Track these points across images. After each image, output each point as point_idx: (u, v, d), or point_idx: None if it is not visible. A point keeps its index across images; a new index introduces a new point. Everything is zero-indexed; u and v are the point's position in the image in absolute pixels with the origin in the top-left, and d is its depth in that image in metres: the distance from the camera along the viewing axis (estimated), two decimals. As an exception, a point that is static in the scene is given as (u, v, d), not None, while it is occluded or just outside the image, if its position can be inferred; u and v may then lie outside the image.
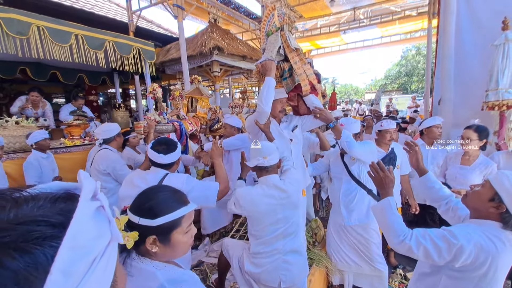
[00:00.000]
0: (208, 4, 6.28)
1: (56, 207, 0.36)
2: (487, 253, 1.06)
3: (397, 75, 24.60)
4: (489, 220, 1.14)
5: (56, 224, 0.34)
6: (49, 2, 5.31)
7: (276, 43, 1.95)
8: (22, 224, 0.32)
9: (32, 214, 0.34)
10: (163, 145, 1.68)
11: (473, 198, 1.21)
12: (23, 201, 0.35)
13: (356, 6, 9.10)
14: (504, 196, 1.08)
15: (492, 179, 1.14)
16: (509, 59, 2.41)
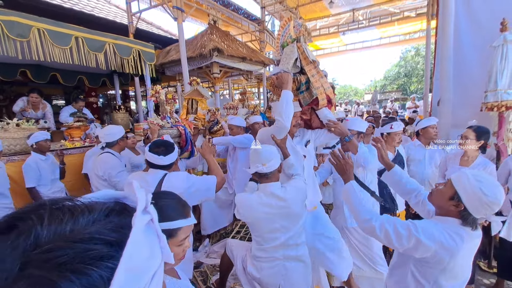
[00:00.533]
0: (208, 6, 6.30)
1: (111, 222, 0.34)
2: (447, 250, 1.13)
3: (396, 76, 24.65)
4: (450, 217, 1.20)
5: (112, 242, 0.32)
6: (49, 5, 5.32)
7: (292, 55, 1.87)
8: (79, 242, 0.30)
9: (88, 230, 0.32)
10: (161, 147, 1.73)
11: (436, 196, 1.27)
12: (79, 213, 0.33)
13: (355, 8, 9.14)
14: (462, 195, 1.13)
15: (453, 178, 1.19)
16: (507, 60, 2.42)
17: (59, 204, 0.34)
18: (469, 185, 1.11)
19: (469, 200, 1.12)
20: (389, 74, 25.91)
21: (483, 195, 1.08)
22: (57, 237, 0.30)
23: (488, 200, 1.08)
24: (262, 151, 1.59)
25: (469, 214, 1.14)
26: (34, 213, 0.32)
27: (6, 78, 4.56)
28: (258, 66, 6.87)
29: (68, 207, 0.34)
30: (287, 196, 1.58)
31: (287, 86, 1.78)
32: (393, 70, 25.48)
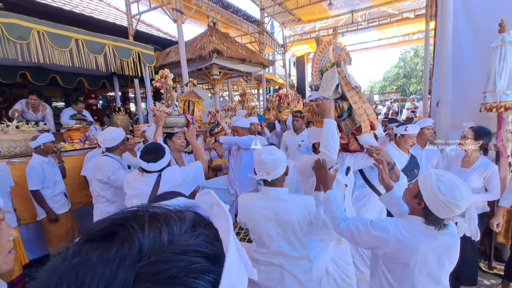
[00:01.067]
0: (207, 8, 6.32)
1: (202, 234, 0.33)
2: (404, 245, 1.17)
3: (396, 77, 24.70)
4: (415, 215, 1.24)
5: (210, 255, 0.31)
6: (49, 7, 5.34)
7: (333, 81, 1.76)
8: (183, 255, 0.29)
9: (189, 242, 0.31)
10: (151, 154, 1.77)
11: (405, 194, 1.33)
12: (173, 222, 0.32)
13: (354, 9, 9.17)
14: (423, 193, 1.17)
15: (420, 177, 1.23)
16: (506, 61, 2.43)
17: (154, 211, 0.33)
18: (429, 184, 1.14)
19: (428, 198, 1.15)
20: (388, 75, 25.96)
21: (440, 194, 1.10)
22: (157, 248, 0.29)
23: (445, 199, 1.09)
24: (266, 161, 1.52)
25: (431, 213, 1.15)
26: (134, 220, 0.31)
27: (6, 80, 4.57)
28: (257, 68, 6.89)
29: (163, 216, 0.32)
30: (289, 201, 1.55)
31: (329, 115, 1.68)
32: (392, 71, 25.53)
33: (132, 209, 0.34)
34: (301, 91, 11.70)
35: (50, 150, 2.78)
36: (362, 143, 1.91)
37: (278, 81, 11.41)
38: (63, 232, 2.85)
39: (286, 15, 9.94)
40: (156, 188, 1.73)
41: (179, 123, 2.55)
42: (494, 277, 2.60)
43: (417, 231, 1.18)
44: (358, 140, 1.92)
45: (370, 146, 1.85)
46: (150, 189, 1.74)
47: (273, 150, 1.58)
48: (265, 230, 1.56)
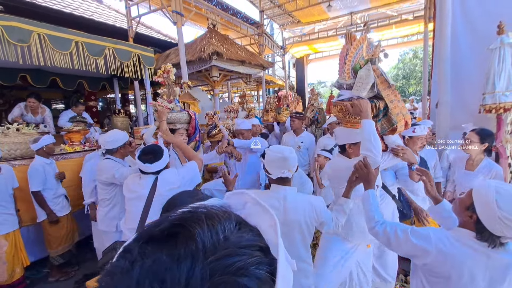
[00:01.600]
0: (207, 10, 6.34)
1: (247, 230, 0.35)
2: (446, 257, 1.09)
3: (395, 78, 24.74)
4: (466, 228, 1.12)
5: (264, 249, 0.34)
6: (49, 10, 5.35)
7: (368, 79, 1.67)
8: (244, 248, 0.31)
9: (245, 237, 0.33)
10: (149, 155, 1.79)
11: (456, 205, 1.22)
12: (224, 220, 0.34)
13: (353, 11, 9.20)
14: (477, 206, 1.05)
15: (474, 188, 1.11)
16: (505, 63, 2.45)
17: (207, 211, 0.35)
18: (486, 196, 1.02)
19: (483, 212, 1.03)
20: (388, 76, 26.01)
21: (497, 208, 0.97)
22: (217, 245, 0.30)
23: (502, 215, 0.96)
24: (290, 158, 1.56)
25: (485, 229, 1.03)
26: (193, 220, 0.32)
27: (6, 83, 4.57)
28: (257, 69, 6.90)
29: (215, 215, 0.34)
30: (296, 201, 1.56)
31: (367, 115, 1.59)
32: (391, 72, 25.59)
33: (186, 209, 0.35)
34: (301, 92, 11.72)
35: (52, 152, 2.80)
36: (388, 143, 1.88)
37: (278, 83, 11.43)
38: (63, 234, 2.85)
39: (286, 17, 9.97)
40: (152, 191, 1.74)
41: (182, 119, 2.49)
42: None
43: (463, 244, 1.07)
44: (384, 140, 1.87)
45: (397, 146, 1.83)
46: (146, 192, 1.74)
47: (291, 149, 1.63)
48: None
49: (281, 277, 0.31)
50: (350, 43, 1.80)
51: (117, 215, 2.42)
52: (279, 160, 1.56)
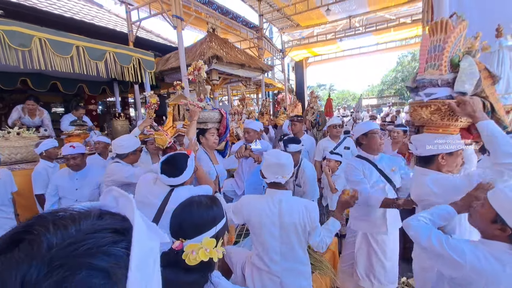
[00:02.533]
0: (207, 14, 6.38)
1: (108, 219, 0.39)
2: (480, 274, 1.00)
3: (394, 81, 24.88)
4: (497, 241, 1.03)
5: (121, 230, 0.38)
6: (50, 14, 5.38)
7: (473, 74, 1.43)
8: (95, 233, 0.35)
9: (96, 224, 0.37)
10: (169, 166, 1.63)
11: (476, 220, 1.12)
12: (78, 218, 0.37)
13: (351, 15, 9.27)
14: (506, 217, 0.97)
15: (490, 198, 1.04)
16: (504, 65, 2.46)
17: (56, 213, 0.37)
18: (510, 204, 0.96)
19: None
20: (387, 79, 26.16)
21: None
22: (66, 238, 0.33)
23: None
24: (286, 164, 1.55)
25: None
26: (38, 224, 0.34)
27: (6, 87, 4.59)
28: (256, 73, 6.93)
29: (67, 215, 0.37)
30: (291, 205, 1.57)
31: (482, 115, 1.33)
32: (390, 75, 25.74)
33: (34, 217, 0.37)
34: (300, 95, 11.76)
35: (54, 156, 2.80)
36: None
37: (277, 86, 11.48)
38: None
39: (285, 21, 10.04)
40: (163, 205, 1.60)
41: (213, 118, 2.39)
42: None
43: (496, 259, 0.99)
44: None
45: None
46: (157, 202, 1.61)
47: (288, 155, 1.62)
48: (269, 232, 1.57)
49: (137, 244, 0.35)
50: (444, 32, 1.54)
51: None
52: (276, 165, 1.56)
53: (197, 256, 0.81)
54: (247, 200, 1.67)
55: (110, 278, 0.33)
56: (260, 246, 1.61)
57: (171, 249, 0.86)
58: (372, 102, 22.64)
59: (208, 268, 0.89)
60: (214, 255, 0.84)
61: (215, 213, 0.96)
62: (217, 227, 0.93)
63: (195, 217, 0.92)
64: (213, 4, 7.87)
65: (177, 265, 0.84)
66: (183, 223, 0.92)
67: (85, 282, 0.31)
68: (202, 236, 0.88)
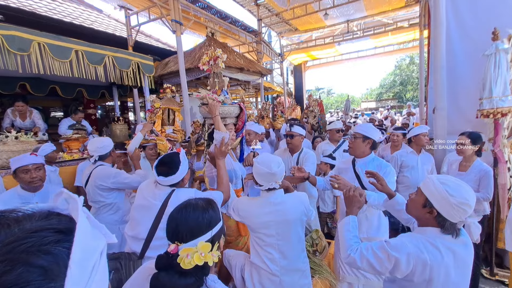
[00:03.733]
0: (206, 19, 6.43)
1: (54, 219, 0.41)
2: (424, 262, 1.08)
3: (392, 84, 25.03)
4: (429, 226, 1.16)
5: (63, 229, 0.39)
6: (50, 19, 5.40)
7: None
8: (36, 232, 0.37)
9: (41, 223, 0.39)
10: (164, 166, 1.63)
11: (410, 206, 1.25)
12: (22, 219, 0.39)
13: (349, 19, 9.36)
14: (433, 200, 1.12)
15: (422, 185, 1.18)
16: (501, 68, 2.48)
17: (2, 214, 0.39)
18: (435, 189, 1.11)
19: (439, 203, 1.10)
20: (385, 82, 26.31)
21: (449, 196, 1.07)
22: (9, 236, 0.36)
23: (456, 201, 1.06)
24: (277, 172, 1.58)
25: (445, 219, 1.11)
26: None
27: (5, 91, 4.58)
28: (255, 76, 6.96)
29: (12, 216, 0.39)
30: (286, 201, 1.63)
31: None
32: (388, 78, 25.89)
33: None
34: (299, 98, 11.80)
35: (53, 160, 2.78)
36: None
37: (276, 89, 11.52)
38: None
39: (283, 25, 10.11)
40: (163, 207, 1.59)
41: (233, 113, 2.22)
42: (496, 283, 2.58)
43: (432, 246, 1.10)
44: None
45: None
46: (158, 204, 1.60)
47: (279, 160, 1.63)
48: (265, 233, 1.62)
49: (78, 243, 0.37)
50: None
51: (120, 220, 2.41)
52: (266, 174, 1.58)
53: (192, 260, 0.80)
54: (243, 202, 1.72)
55: (47, 275, 0.35)
56: (259, 246, 1.64)
57: (166, 252, 0.85)
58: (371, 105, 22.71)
59: (203, 272, 0.88)
60: (209, 259, 0.83)
61: (211, 216, 0.95)
62: (213, 231, 0.92)
63: (191, 221, 0.92)
64: (212, 8, 7.93)
65: (172, 269, 0.83)
66: (179, 227, 0.91)
67: (23, 277, 0.33)
68: (198, 240, 0.87)
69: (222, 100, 2.14)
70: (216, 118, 2.03)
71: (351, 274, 2.18)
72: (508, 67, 2.52)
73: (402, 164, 3.10)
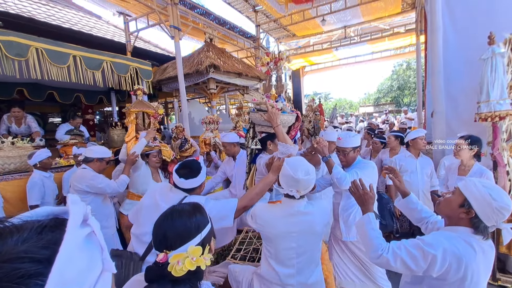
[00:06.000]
0: (204, 25, 6.47)
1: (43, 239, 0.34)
2: (459, 259, 1.09)
3: (389, 89, 25.17)
4: (461, 226, 1.19)
5: (41, 259, 0.32)
6: (48, 25, 5.41)
7: None
8: (6, 262, 0.30)
9: (16, 250, 0.32)
10: (186, 169, 1.65)
11: (445, 205, 1.26)
12: (7, 234, 0.33)
13: (346, 25, 9.44)
14: (473, 202, 1.14)
15: (462, 186, 1.20)
16: (497, 72, 2.49)
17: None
18: (478, 191, 1.12)
19: (480, 206, 1.12)
20: (382, 87, 26.47)
21: (492, 200, 1.09)
22: None
23: (498, 205, 1.08)
24: (302, 181, 1.40)
25: (480, 222, 1.13)
26: None
27: (3, 97, 4.56)
28: (253, 81, 6.97)
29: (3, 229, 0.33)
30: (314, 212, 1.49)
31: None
32: (386, 83, 26.06)
33: None
34: (297, 103, 11.83)
35: (49, 166, 2.76)
36: None
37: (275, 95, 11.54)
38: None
39: (281, 31, 10.19)
40: None
41: (290, 122, 2.04)
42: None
43: (466, 243, 1.12)
44: None
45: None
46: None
47: (311, 170, 1.45)
48: (285, 244, 1.48)
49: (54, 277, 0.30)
50: None
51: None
52: (289, 178, 1.43)
53: (184, 266, 0.78)
54: (262, 209, 1.57)
55: None
56: (274, 258, 1.52)
57: (156, 262, 0.82)
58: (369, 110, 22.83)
59: (197, 277, 0.85)
60: (201, 263, 0.81)
61: (199, 220, 0.92)
62: (202, 234, 0.89)
63: (178, 226, 0.89)
64: (211, 15, 7.99)
65: (164, 279, 0.80)
66: (166, 234, 0.88)
67: None
68: (187, 245, 0.84)
69: (281, 107, 1.94)
70: (278, 128, 1.83)
71: (347, 279, 2.17)
72: (504, 71, 2.53)
73: (401, 168, 3.10)
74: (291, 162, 1.47)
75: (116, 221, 2.64)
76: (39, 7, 5.92)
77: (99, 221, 1.70)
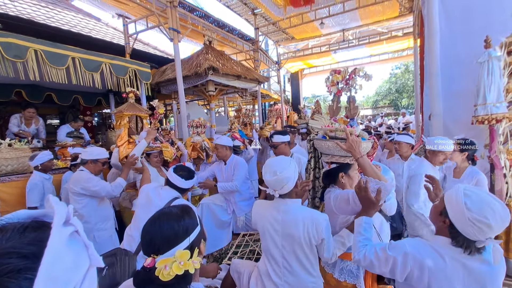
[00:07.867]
0: (203, 27, 6.49)
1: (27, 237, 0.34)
2: (421, 265, 1.06)
3: (388, 92, 25.31)
4: (440, 235, 1.12)
5: (28, 255, 0.33)
6: (47, 27, 5.42)
7: None
8: None
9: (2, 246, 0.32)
10: (184, 171, 1.94)
11: (431, 212, 1.22)
12: None
13: (345, 28, 9.51)
14: (449, 210, 1.05)
15: (445, 193, 1.12)
16: (494, 75, 2.51)
17: None
18: (455, 199, 1.02)
19: (454, 215, 1.02)
20: (381, 90, 26.60)
21: (466, 209, 0.97)
22: None
23: (472, 216, 0.96)
24: (271, 181, 1.47)
25: (458, 233, 1.02)
26: None
27: (0, 98, 4.55)
28: (252, 84, 7.00)
29: None
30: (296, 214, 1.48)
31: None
32: (384, 86, 26.19)
33: None
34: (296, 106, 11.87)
35: (49, 169, 2.75)
36: None
37: (273, 97, 11.58)
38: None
39: (280, 34, 10.24)
40: None
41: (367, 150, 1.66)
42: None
43: (436, 252, 1.06)
44: None
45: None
46: (162, 204, 1.77)
47: (279, 170, 1.44)
48: (271, 240, 1.54)
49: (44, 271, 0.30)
50: None
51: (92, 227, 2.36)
52: (265, 177, 1.50)
53: (171, 271, 0.77)
54: (255, 206, 1.70)
55: None
56: (266, 252, 1.61)
57: (143, 267, 0.81)
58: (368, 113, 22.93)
59: (185, 281, 0.84)
60: (189, 267, 0.80)
61: (187, 223, 0.91)
62: (191, 238, 0.88)
63: (166, 230, 0.87)
64: (210, 17, 8.03)
65: (152, 283, 0.79)
66: (154, 238, 0.87)
67: None
68: (175, 249, 0.83)
69: (358, 134, 1.62)
70: (363, 160, 1.50)
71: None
72: (501, 74, 2.55)
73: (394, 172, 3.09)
74: (270, 163, 1.52)
75: (115, 222, 2.63)
76: (38, 9, 5.93)
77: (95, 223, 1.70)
